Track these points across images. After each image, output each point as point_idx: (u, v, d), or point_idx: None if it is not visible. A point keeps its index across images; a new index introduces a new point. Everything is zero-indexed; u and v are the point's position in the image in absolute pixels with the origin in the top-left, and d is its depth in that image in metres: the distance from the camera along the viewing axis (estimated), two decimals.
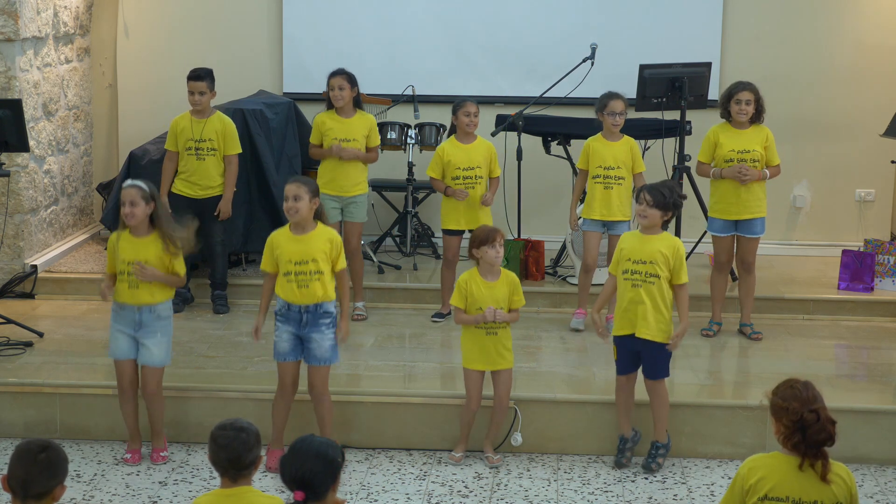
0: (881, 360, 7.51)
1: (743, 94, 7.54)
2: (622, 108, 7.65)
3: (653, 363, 6.23)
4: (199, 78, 7.85)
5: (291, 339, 6.16)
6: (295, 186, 6.07)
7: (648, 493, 6.08)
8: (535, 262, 8.69)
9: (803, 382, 4.04)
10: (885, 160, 9.37)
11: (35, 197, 8.71)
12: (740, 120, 7.57)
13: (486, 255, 6.21)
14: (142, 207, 6.09)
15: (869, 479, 6.32)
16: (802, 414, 3.92)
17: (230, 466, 4.00)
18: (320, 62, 8.11)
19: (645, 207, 6.10)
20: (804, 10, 9.61)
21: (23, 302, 8.38)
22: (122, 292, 6.19)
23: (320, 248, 6.07)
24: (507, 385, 6.36)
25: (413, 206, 9.25)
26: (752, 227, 7.71)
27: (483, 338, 6.26)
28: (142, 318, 6.19)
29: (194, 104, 7.87)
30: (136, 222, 6.11)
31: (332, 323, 6.18)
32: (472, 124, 7.75)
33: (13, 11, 8.27)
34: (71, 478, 6.14)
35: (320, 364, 6.19)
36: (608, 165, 7.69)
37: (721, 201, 7.69)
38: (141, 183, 6.18)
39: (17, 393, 6.74)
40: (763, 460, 4.05)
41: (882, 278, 8.62)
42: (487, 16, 9.71)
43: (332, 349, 6.19)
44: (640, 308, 6.12)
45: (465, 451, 6.46)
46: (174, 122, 7.98)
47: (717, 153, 7.63)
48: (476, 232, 6.31)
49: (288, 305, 6.13)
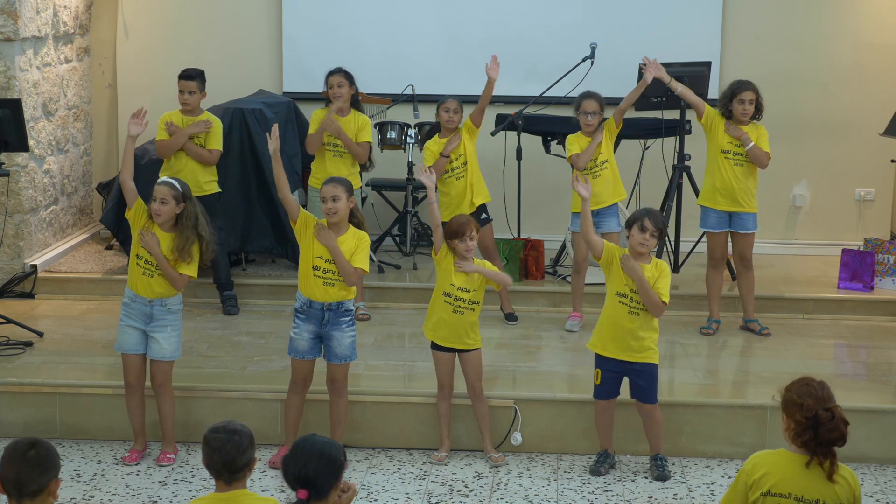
0: (881, 360, 7.51)
1: (746, 93, 7.57)
2: (594, 107, 7.64)
3: (648, 386, 6.18)
4: (189, 77, 7.87)
5: (311, 337, 6.20)
6: (332, 187, 6.08)
7: (648, 493, 6.08)
8: (535, 262, 8.69)
9: (819, 381, 4.03)
10: (885, 159, 9.37)
11: (35, 197, 8.71)
12: (743, 119, 7.60)
13: (457, 247, 6.24)
14: (171, 206, 6.10)
15: (869, 478, 6.32)
16: (817, 411, 3.92)
17: (224, 469, 4.00)
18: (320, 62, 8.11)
19: (648, 237, 6.04)
20: (804, 10, 9.61)
21: (22, 302, 8.38)
22: (136, 280, 6.19)
23: (349, 250, 6.10)
24: (476, 368, 6.37)
25: (413, 205, 9.24)
26: (745, 224, 7.74)
27: (450, 315, 6.27)
28: (153, 311, 6.20)
29: (183, 103, 7.89)
30: (161, 220, 6.12)
31: (352, 321, 6.23)
32: (451, 121, 7.76)
33: (13, 11, 8.27)
34: (71, 477, 6.14)
35: (341, 362, 6.23)
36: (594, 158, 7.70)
37: (711, 188, 7.72)
38: (175, 181, 6.20)
39: (16, 393, 6.74)
40: (768, 457, 4.06)
41: (882, 277, 8.62)
42: (487, 15, 9.71)
43: (352, 347, 6.23)
44: (636, 335, 6.07)
45: (448, 450, 6.46)
46: (162, 117, 7.93)
47: (715, 141, 7.67)
48: (449, 223, 6.33)
49: (310, 303, 6.15)
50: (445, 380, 6.40)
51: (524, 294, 8.46)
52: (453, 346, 6.35)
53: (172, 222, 6.15)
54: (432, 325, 6.38)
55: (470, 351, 6.36)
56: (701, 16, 9.61)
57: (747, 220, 7.74)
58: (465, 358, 6.38)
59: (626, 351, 6.12)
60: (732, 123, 7.63)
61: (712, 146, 7.72)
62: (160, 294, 6.19)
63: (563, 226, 9.04)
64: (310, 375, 6.31)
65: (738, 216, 7.73)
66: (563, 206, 9.27)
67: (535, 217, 9.50)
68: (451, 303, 6.27)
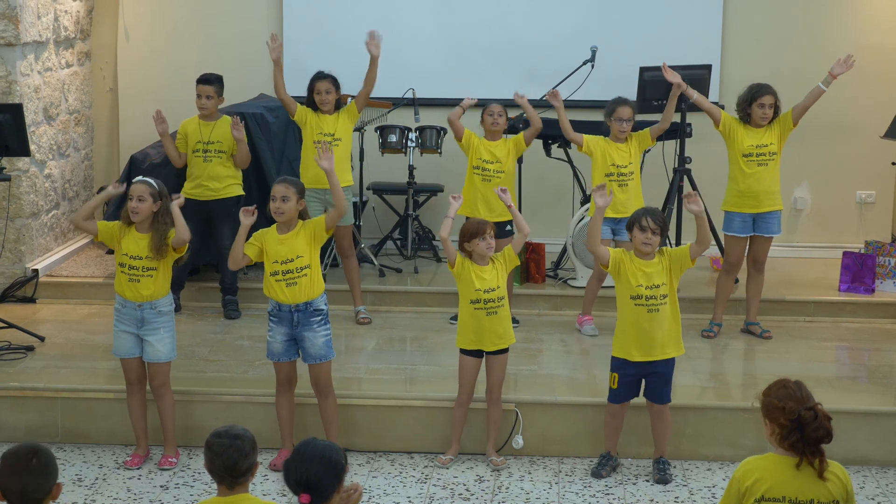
0: (882, 362, 7.51)
1: (766, 97, 7.59)
2: (630, 114, 7.67)
3: (663, 385, 6.18)
4: (207, 82, 7.92)
5: (285, 340, 6.23)
6: (283, 187, 6.16)
7: (650, 496, 6.08)
8: (536, 265, 8.70)
9: (795, 382, 4.03)
10: (886, 162, 9.38)
11: (36, 201, 8.71)
12: (762, 123, 7.61)
13: (477, 247, 6.23)
14: (148, 203, 6.11)
15: (870, 480, 6.32)
16: (800, 412, 3.91)
17: (226, 474, 4.00)
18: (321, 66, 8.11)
19: (650, 235, 6.04)
20: (804, 12, 9.62)
21: (24, 306, 8.38)
22: (123, 285, 6.21)
23: (302, 241, 6.14)
24: (501, 371, 6.36)
25: (414, 209, 9.25)
26: (770, 226, 7.72)
27: (485, 318, 6.27)
28: (143, 314, 6.21)
29: (201, 108, 7.93)
30: (140, 219, 6.14)
31: (324, 320, 6.24)
32: (496, 124, 7.81)
33: (14, 16, 8.28)
34: (72, 482, 6.15)
35: (317, 362, 6.24)
36: (620, 164, 7.70)
37: (735, 193, 7.71)
38: (151, 180, 6.23)
39: (18, 397, 6.74)
40: (758, 462, 4.05)
41: (883, 280, 8.63)
42: (487, 19, 9.72)
43: (327, 346, 6.24)
44: (658, 332, 6.07)
45: (456, 454, 6.47)
46: (183, 124, 8.04)
47: (736, 146, 7.66)
48: (465, 225, 6.34)
49: (279, 306, 6.19)
50: (468, 385, 6.39)
51: (525, 297, 8.46)
52: (496, 347, 6.33)
53: (149, 222, 6.16)
54: (473, 335, 6.32)
55: (498, 354, 6.36)
56: (701, 19, 9.62)
57: (772, 221, 7.73)
58: (493, 360, 6.38)
59: (650, 352, 6.11)
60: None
61: (733, 151, 7.69)
62: (148, 297, 6.19)
63: (564, 229, 9.04)
64: (293, 376, 6.34)
65: (763, 218, 7.71)
66: (564, 209, 9.29)
67: (536, 220, 9.47)
68: (482, 307, 6.26)
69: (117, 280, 6.25)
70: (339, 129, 7.91)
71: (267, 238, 6.21)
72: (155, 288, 6.20)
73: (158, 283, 6.21)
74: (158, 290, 6.21)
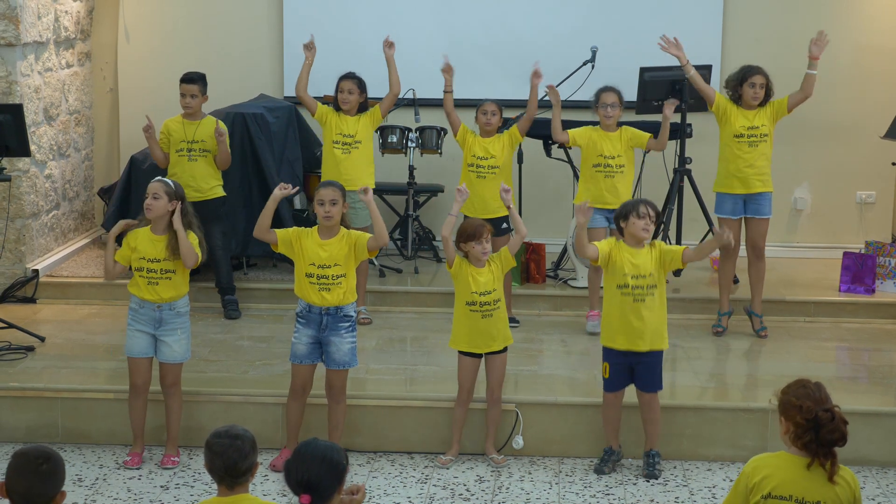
0: (882, 363, 7.51)
1: (756, 77, 7.61)
2: (614, 99, 7.70)
3: (652, 374, 6.21)
4: (191, 81, 7.87)
5: (310, 342, 6.20)
6: (332, 191, 6.11)
7: (650, 496, 6.08)
8: (536, 265, 8.70)
9: (815, 383, 4.03)
10: (886, 162, 9.37)
11: (36, 201, 8.71)
12: (753, 104, 7.61)
13: (473, 250, 6.24)
14: (163, 202, 6.11)
15: (871, 481, 6.32)
16: (817, 413, 3.91)
17: (226, 474, 4.00)
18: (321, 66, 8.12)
19: (648, 222, 6.07)
20: (804, 12, 9.61)
21: (24, 306, 8.38)
22: (142, 288, 6.20)
23: (343, 252, 6.12)
24: (500, 372, 6.37)
25: (414, 209, 9.25)
26: (760, 207, 7.73)
27: (480, 321, 6.28)
28: (162, 315, 6.22)
29: (185, 107, 7.88)
30: (154, 215, 6.14)
31: (352, 327, 6.22)
32: (489, 123, 7.82)
33: (14, 16, 8.28)
34: (72, 482, 6.14)
35: (340, 368, 6.22)
36: (608, 154, 7.72)
37: (725, 174, 7.73)
38: (169, 180, 6.26)
39: (18, 397, 6.74)
40: (768, 459, 4.05)
41: (883, 280, 8.63)
42: (488, 19, 9.72)
43: (352, 353, 6.23)
44: (642, 322, 6.10)
45: (456, 455, 6.47)
46: (165, 124, 7.93)
47: (728, 126, 7.67)
48: (463, 226, 6.34)
49: (309, 307, 6.17)
50: (468, 385, 6.39)
51: (525, 298, 8.46)
52: (490, 349, 6.35)
53: (166, 223, 6.16)
54: (466, 337, 6.35)
55: (497, 354, 6.37)
56: (701, 19, 9.62)
57: (763, 203, 7.74)
58: (492, 360, 6.39)
59: (634, 342, 6.13)
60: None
61: (725, 132, 7.72)
62: (168, 299, 6.20)
63: (564, 229, 9.04)
64: (309, 382, 6.31)
65: (753, 199, 7.73)
66: (565, 209, 9.29)
67: (537, 221, 9.49)
68: (478, 309, 6.27)
69: (134, 284, 6.23)
70: (360, 131, 7.93)
71: (306, 239, 6.15)
72: (176, 290, 6.22)
73: (178, 285, 6.23)
74: (179, 291, 6.24)
